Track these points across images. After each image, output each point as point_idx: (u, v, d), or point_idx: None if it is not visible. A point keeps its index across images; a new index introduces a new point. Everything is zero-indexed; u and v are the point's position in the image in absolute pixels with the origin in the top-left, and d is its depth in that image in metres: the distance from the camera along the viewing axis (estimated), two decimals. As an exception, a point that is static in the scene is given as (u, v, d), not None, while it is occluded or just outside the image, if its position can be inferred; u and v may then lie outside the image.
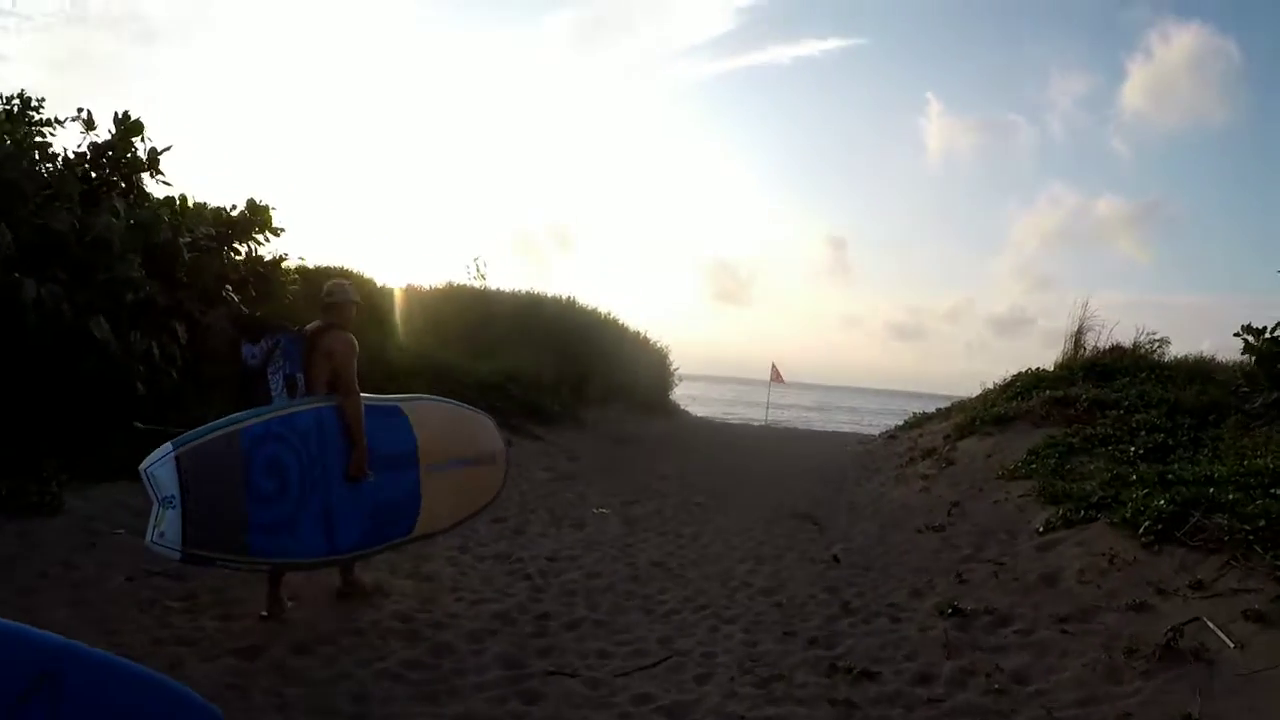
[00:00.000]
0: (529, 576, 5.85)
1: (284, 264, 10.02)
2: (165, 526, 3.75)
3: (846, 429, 28.97)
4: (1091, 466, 7.78)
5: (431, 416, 5.24)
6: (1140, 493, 6.04)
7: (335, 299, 4.70)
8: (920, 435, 14.33)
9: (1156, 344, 13.07)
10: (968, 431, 11.40)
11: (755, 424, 27.19)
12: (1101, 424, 9.36)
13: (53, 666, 1.73)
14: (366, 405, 4.63)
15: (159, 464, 3.77)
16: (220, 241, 9.25)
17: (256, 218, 9.41)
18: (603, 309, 18.24)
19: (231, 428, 4.04)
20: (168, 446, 3.83)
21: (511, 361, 13.29)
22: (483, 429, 5.76)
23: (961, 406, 15.00)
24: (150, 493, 3.78)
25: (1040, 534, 6.39)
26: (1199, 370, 11.20)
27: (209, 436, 3.95)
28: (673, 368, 19.44)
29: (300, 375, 4.56)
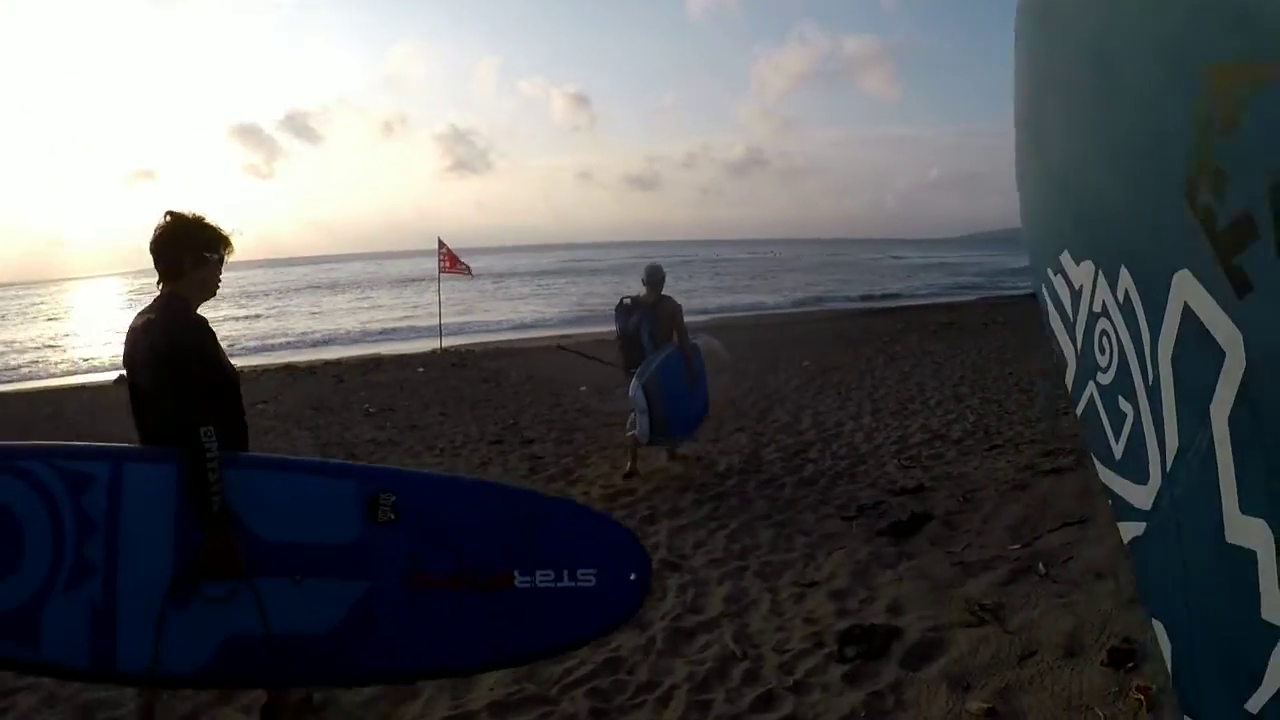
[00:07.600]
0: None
1: None
2: (642, 425, 6.35)
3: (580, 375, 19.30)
4: None
5: (707, 347, 7.65)
6: None
7: (659, 275, 6.85)
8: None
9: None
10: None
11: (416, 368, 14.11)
12: None
13: (534, 510, 2.90)
14: None
15: (634, 388, 6.35)
16: None
17: None
18: None
19: (653, 366, 6.54)
20: (635, 380, 6.37)
21: None
22: (718, 349, 8.02)
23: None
24: (634, 404, 6.37)
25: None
26: None
27: (649, 372, 6.44)
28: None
29: (656, 332, 6.79)
